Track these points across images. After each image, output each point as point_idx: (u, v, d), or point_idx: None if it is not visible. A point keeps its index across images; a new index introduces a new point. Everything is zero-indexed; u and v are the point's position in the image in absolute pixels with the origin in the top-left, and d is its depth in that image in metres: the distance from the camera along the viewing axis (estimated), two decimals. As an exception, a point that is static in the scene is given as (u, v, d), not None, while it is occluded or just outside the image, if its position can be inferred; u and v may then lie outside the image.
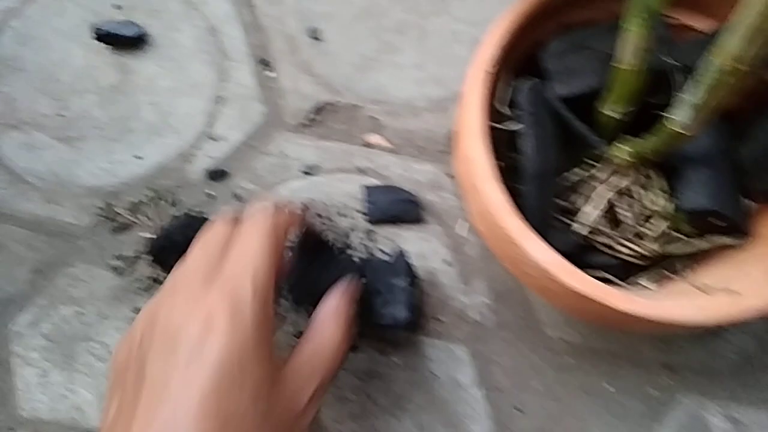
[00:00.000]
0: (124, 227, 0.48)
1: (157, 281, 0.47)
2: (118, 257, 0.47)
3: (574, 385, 0.44)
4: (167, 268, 0.46)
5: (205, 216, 0.48)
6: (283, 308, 0.42)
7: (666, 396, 0.44)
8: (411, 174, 0.50)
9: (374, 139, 0.51)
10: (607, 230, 0.38)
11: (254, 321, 0.27)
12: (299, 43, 0.55)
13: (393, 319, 0.39)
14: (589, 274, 0.32)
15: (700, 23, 0.41)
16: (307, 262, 0.38)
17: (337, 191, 0.49)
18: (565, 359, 0.44)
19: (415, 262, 0.46)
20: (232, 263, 0.29)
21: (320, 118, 0.52)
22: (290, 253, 0.37)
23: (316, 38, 0.55)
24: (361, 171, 0.50)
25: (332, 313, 0.32)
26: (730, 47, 0.27)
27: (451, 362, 0.44)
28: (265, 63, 0.54)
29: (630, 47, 0.33)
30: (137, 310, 0.46)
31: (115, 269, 0.47)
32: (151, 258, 0.47)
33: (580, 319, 0.44)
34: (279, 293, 0.31)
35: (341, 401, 0.42)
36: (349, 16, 0.57)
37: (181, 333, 0.26)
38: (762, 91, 0.38)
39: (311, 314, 0.33)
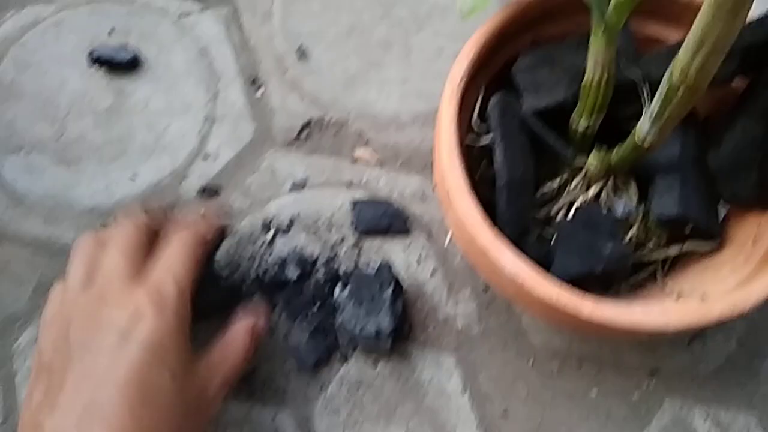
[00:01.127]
0: (120, 245, 0.49)
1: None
2: (116, 275, 0.49)
3: (559, 391, 0.44)
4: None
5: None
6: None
7: (651, 400, 0.45)
8: (398, 186, 0.51)
9: (362, 153, 0.52)
10: (583, 239, 0.39)
11: (177, 316, 0.33)
12: (287, 62, 0.57)
13: (377, 330, 0.41)
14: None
15: (671, 35, 0.42)
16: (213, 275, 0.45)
17: (326, 205, 0.50)
18: (550, 366, 0.45)
19: (402, 272, 0.47)
20: (158, 269, 0.35)
21: (309, 134, 0.53)
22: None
23: (303, 56, 0.56)
24: (350, 185, 0.51)
25: (245, 329, 0.38)
26: (679, 59, 0.28)
27: (437, 371, 0.45)
28: (254, 82, 0.55)
29: (592, 60, 0.34)
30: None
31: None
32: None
33: (556, 326, 0.45)
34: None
35: (332, 413, 0.43)
36: (335, 34, 0.58)
37: (111, 321, 0.32)
38: (730, 98, 0.39)
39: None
